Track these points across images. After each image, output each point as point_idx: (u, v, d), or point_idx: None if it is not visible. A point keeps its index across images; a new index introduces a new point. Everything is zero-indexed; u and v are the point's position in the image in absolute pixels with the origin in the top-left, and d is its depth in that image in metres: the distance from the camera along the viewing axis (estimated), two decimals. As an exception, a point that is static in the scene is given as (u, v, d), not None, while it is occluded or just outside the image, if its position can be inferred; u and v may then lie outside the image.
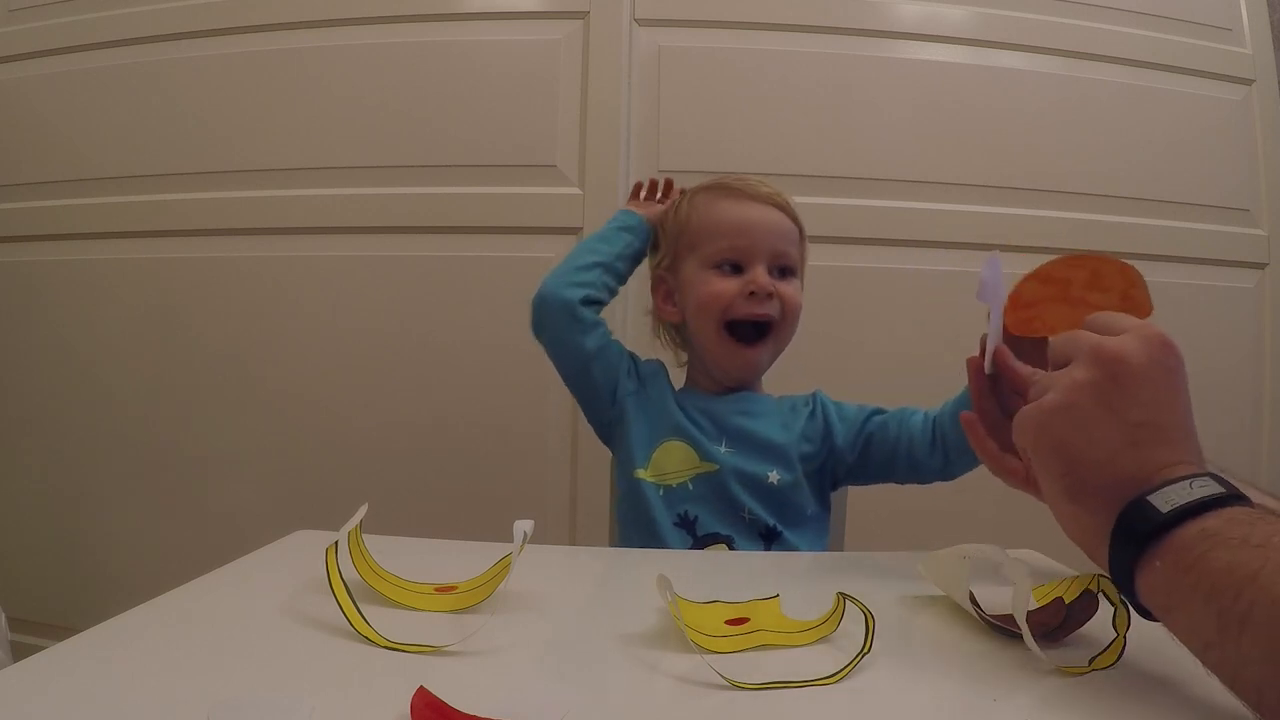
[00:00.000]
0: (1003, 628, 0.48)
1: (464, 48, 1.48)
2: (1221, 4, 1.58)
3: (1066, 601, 0.48)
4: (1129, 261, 0.54)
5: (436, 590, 0.55)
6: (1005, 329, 0.56)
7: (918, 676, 0.45)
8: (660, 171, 1.43)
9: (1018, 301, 0.56)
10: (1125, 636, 0.45)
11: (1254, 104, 1.56)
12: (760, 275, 0.85)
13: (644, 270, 1.00)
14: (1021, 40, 1.50)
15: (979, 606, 0.51)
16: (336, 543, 0.51)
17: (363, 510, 0.56)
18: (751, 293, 0.85)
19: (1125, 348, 0.43)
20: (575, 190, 1.44)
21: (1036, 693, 0.42)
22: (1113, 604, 0.46)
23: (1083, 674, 0.43)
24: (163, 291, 1.52)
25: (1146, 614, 0.42)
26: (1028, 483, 0.54)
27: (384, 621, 0.47)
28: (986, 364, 0.57)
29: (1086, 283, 0.55)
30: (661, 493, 0.86)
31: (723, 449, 0.87)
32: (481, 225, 1.45)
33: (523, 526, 0.54)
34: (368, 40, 1.49)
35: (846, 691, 0.41)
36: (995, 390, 0.57)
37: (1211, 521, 0.38)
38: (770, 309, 0.86)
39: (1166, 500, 0.39)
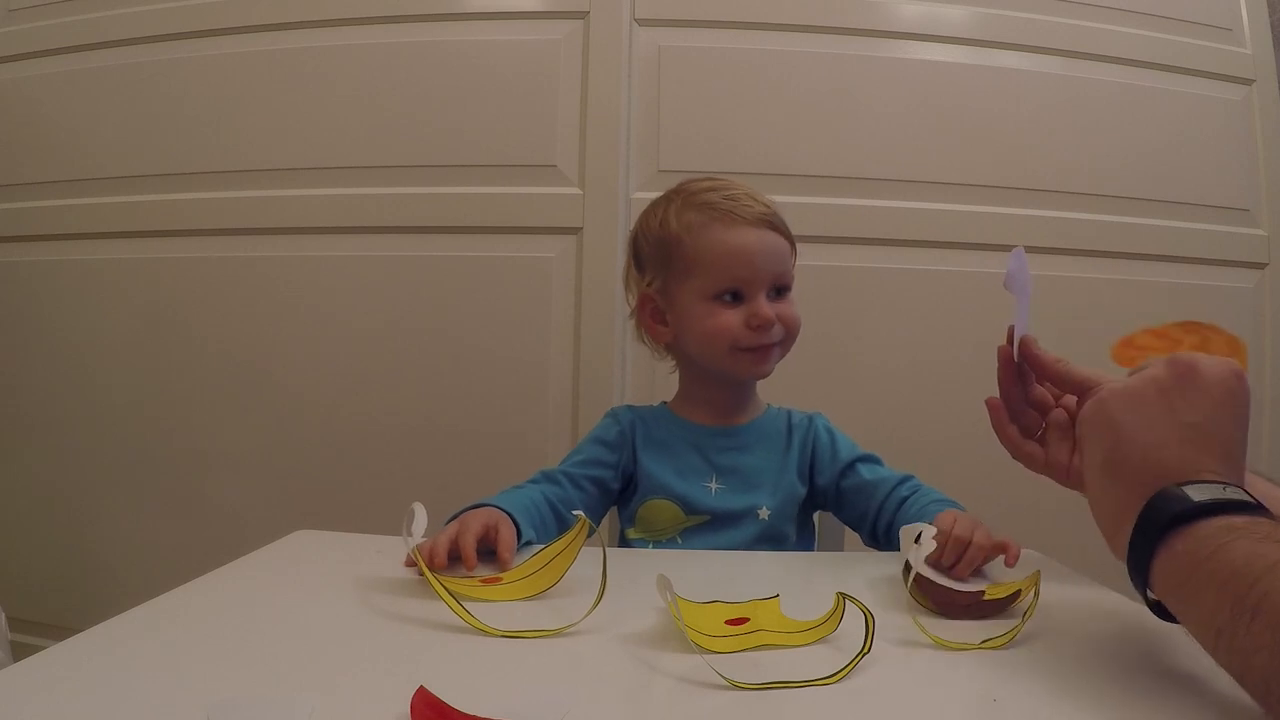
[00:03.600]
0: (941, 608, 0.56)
1: (464, 48, 1.48)
2: (1221, 4, 1.57)
3: (989, 598, 0.55)
4: (1234, 333, 0.63)
5: (482, 582, 0.59)
6: (1112, 358, 0.61)
7: (917, 676, 0.45)
8: (660, 172, 1.43)
9: (1130, 343, 0.62)
10: (1024, 623, 0.51)
11: (1254, 104, 1.56)
12: (763, 308, 0.84)
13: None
14: (1021, 40, 1.50)
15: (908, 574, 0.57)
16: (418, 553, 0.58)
17: (421, 513, 0.63)
18: (756, 326, 0.84)
19: (1200, 360, 0.46)
20: (575, 190, 1.44)
21: (1037, 693, 0.42)
22: (1034, 597, 0.53)
23: (970, 650, 0.49)
24: (163, 291, 1.52)
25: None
26: (1047, 467, 0.58)
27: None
28: (1015, 353, 0.60)
29: (1194, 346, 0.61)
30: (650, 547, 0.86)
31: (712, 486, 0.87)
32: (481, 225, 1.45)
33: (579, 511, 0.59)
34: (368, 40, 1.49)
35: (846, 691, 0.42)
36: (1020, 377, 0.60)
37: (1237, 519, 0.39)
38: (774, 335, 0.85)
39: (1199, 492, 0.41)
